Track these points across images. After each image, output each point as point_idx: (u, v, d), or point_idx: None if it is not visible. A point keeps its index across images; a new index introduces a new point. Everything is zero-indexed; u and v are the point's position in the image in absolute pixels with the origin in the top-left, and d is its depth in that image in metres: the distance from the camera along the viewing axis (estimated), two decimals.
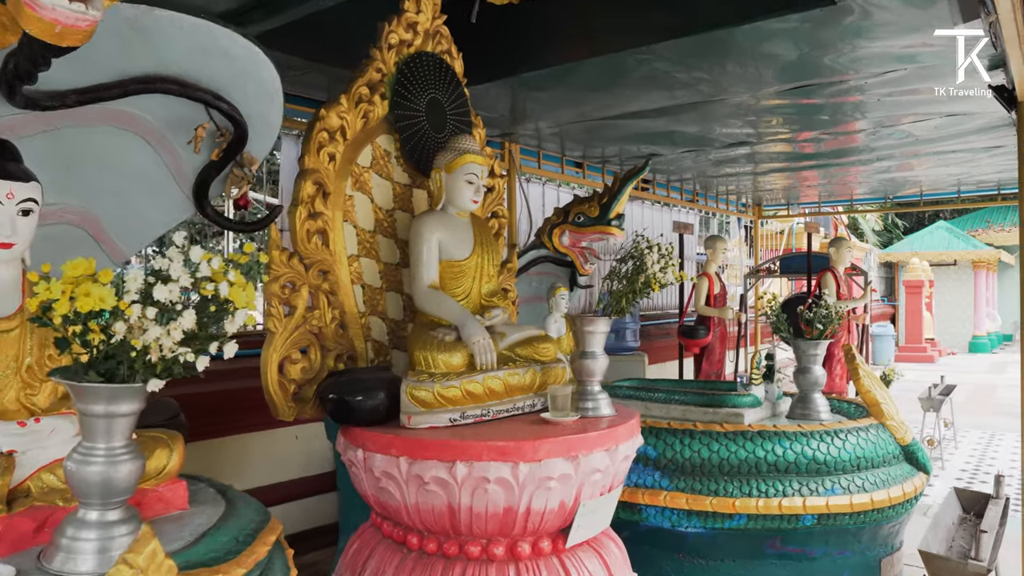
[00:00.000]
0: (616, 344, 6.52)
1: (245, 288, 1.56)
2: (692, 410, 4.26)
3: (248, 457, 5.34)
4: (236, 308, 1.55)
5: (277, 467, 5.52)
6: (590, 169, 7.57)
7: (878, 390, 3.96)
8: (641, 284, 3.07)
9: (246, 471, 5.31)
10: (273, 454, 5.48)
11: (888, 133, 6.10)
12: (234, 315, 1.53)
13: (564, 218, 5.15)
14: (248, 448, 5.33)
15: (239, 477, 5.26)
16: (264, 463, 5.42)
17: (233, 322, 1.54)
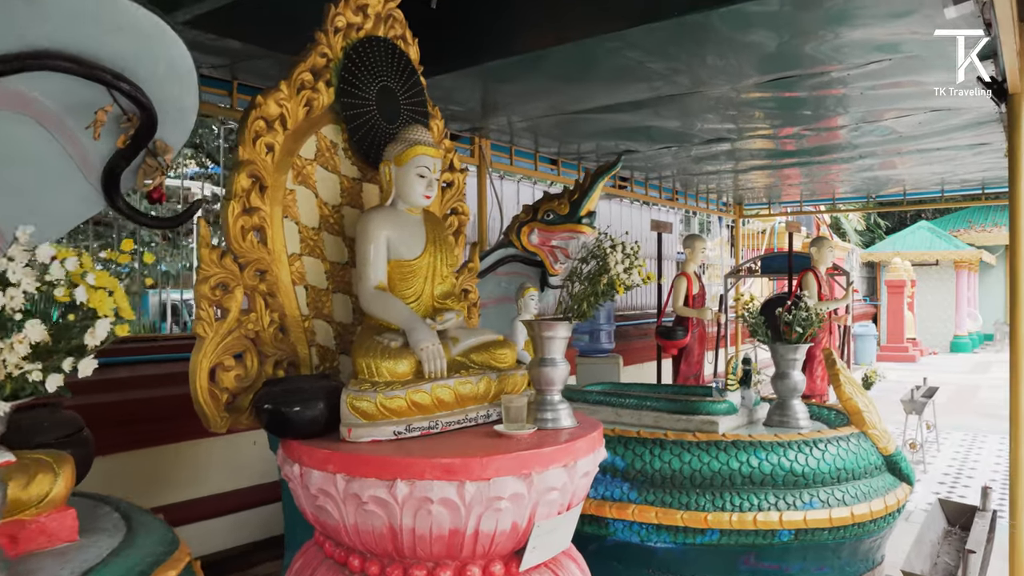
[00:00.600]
0: (590, 346, 6.31)
1: (115, 292, 1.31)
2: (664, 417, 4.04)
3: (206, 464, 5.09)
4: (100, 316, 1.30)
5: (236, 474, 5.27)
6: (565, 166, 7.34)
7: (860, 397, 3.76)
8: (604, 286, 2.84)
9: (204, 478, 5.07)
10: (232, 460, 5.23)
11: (871, 129, 5.91)
12: (95, 325, 1.28)
13: (533, 216, 4.91)
14: (206, 454, 5.08)
15: (197, 484, 5.02)
16: (222, 470, 5.17)
17: (93, 334, 1.29)
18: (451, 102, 5.03)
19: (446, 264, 3.17)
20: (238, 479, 5.18)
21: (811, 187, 9.56)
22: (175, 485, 4.88)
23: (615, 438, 3.68)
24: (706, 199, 10.24)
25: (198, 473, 4.95)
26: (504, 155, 6.39)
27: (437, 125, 3.71)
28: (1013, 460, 3.74)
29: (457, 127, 5.84)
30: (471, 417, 2.84)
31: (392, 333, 2.86)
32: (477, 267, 3.93)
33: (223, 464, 5.06)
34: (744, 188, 9.62)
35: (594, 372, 6.06)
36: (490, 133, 6.09)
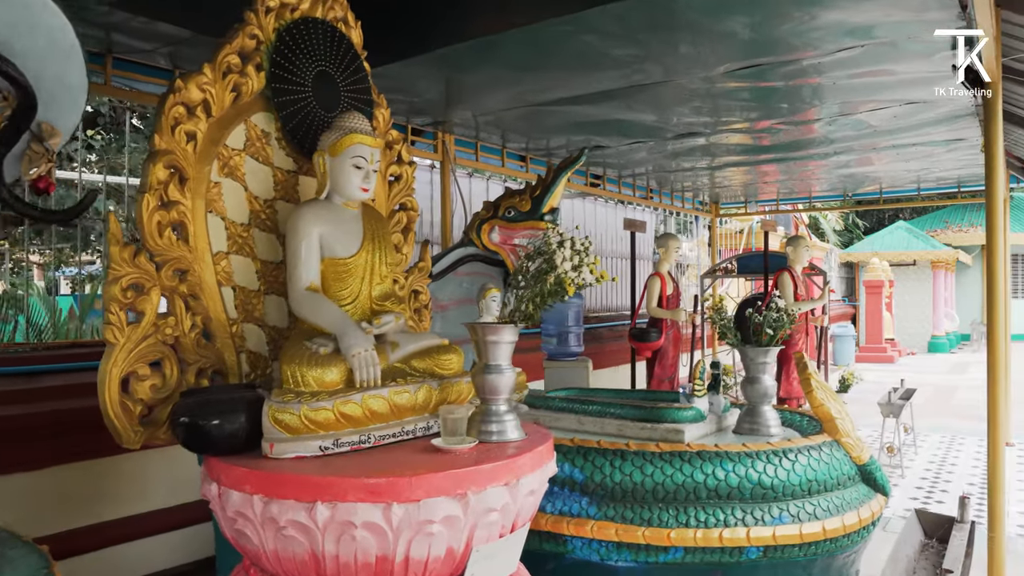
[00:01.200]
0: (558, 349, 6.08)
1: None
2: (628, 425, 3.82)
3: (149, 477, 4.81)
4: None
5: (182, 487, 4.99)
6: (534, 163, 7.12)
7: (832, 403, 3.55)
8: (551, 285, 2.61)
9: (147, 492, 4.79)
10: (178, 473, 4.95)
11: (846, 123, 5.73)
12: None
13: (494, 213, 4.69)
14: (149, 467, 4.80)
15: (140, 499, 4.73)
16: (166, 483, 4.89)
17: None
18: (406, 93, 4.80)
19: (385, 263, 2.94)
20: (185, 493, 4.91)
21: (788, 185, 9.40)
22: (116, 500, 4.60)
23: (574, 449, 3.45)
24: (682, 198, 10.06)
25: (140, 487, 4.67)
26: (469, 151, 6.16)
27: (383, 114, 3.47)
28: (991, 471, 3.56)
29: (419, 121, 5.61)
30: (409, 430, 2.60)
31: (323, 338, 2.62)
32: (428, 267, 3.70)
33: (167, 477, 4.78)
34: (721, 186, 9.45)
35: (563, 376, 5.83)
36: (454, 128, 5.86)
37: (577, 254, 2.59)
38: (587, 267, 2.65)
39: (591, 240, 2.69)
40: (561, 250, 2.55)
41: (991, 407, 3.58)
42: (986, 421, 3.65)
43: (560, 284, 2.61)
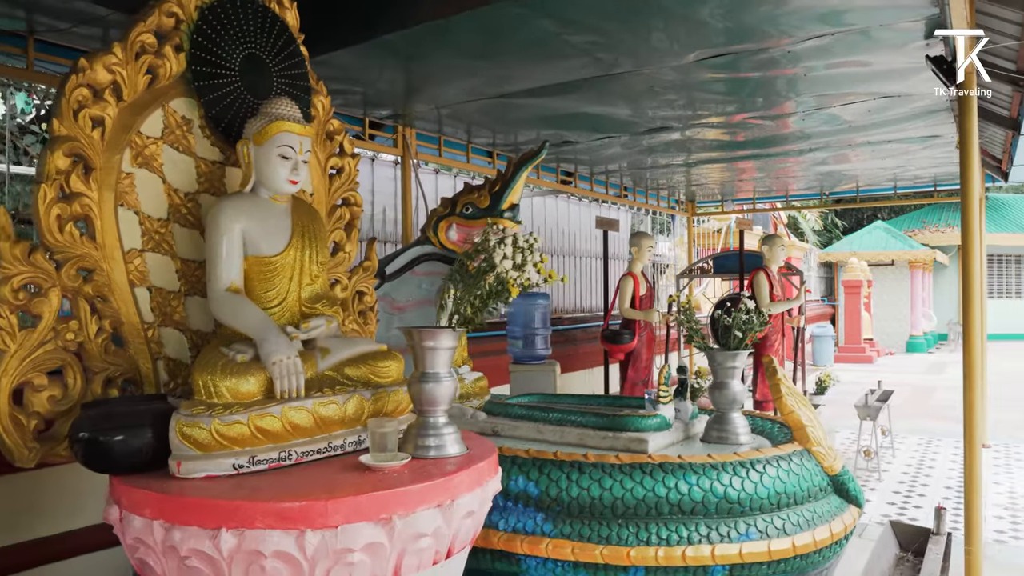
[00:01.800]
0: (524, 352, 5.85)
1: None
2: (589, 434, 3.60)
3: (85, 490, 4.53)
4: None
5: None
6: (501, 159, 6.89)
7: (803, 410, 3.35)
8: (492, 286, 2.38)
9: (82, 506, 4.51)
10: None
11: (821, 118, 5.55)
12: None
13: (451, 209, 4.45)
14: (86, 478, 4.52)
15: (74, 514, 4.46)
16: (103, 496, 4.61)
17: None
18: (359, 83, 4.56)
19: (316, 262, 2.70)
20: None
21: (765, 183, 9.23)
22: (48, 515, 4.32)
23: (529, 461, 3.23)
24: (657, 196, 9.86)
25: (75, 500, 4.39)
26: (432, 146, 5.92)
27: (322, 102, 3.23)
28: (968, 481, 3.38)
29: (377, 114, 5.36)
30: (337, 445, 2.37)
31: (243, 344, 2.38)
32: (374, 266, 3.46)
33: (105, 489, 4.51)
34: (696, 184, 9.25)
35: (529, 381, 5.61)
36: (415, 122, 5.62)
37: (520, 252, 2.37)
38: (532, 266, 2.43)
39: (537, 237, 2.47)
40: (501, 247, 2.32)
41: (967, 415, 3.39)
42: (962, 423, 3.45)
43: (503, 285, 2.38)
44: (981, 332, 3.47)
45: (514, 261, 2.33)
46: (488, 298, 2.39)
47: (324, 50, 3.89)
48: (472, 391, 4.54)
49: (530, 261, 2.38)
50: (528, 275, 2.42)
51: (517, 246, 2.37)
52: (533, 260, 2.39)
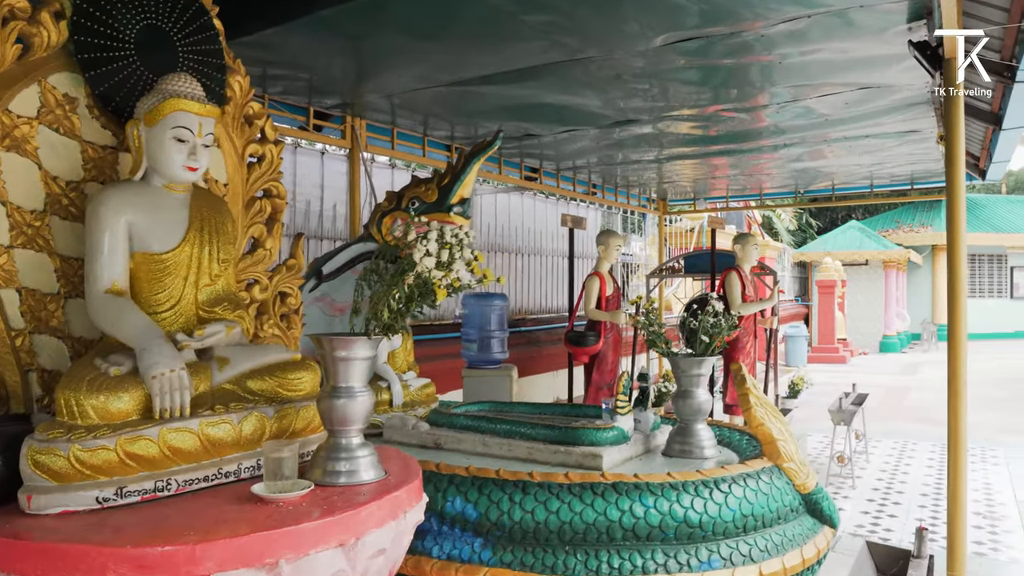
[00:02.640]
0: (479, 356, 5.52)
1: None
2: (539, 448, 3.29)
3: None
4: None
5: None
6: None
7: (774, 423, 3.06)
8: (413, 288, 2.06)
9: None
10: None
11: (796, 111, 5.28)
12: None
13: (396, 204, 4.13)
14: None
15: None
16: None
17: None
18: (299, 67, 4.22)
19: (217, 259, 2.36)
20: None
21: (739, 180, 8.98)
22: None
23: (468, 480, 2.91)
24: (627, 194, 9.57)
25: None
26: (385, 138, 5.58)
27: (240, 82, 2.89)
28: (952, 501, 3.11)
29: (323, 104, 5.02)
30: (229, 471, 2.03)
31: (121, 354, 2.04)
32: (300, 264, 3.12)
33: None
34: (668, 181, 8.98)
35: (483, 387, 5.29)
36: (366, 112, 5.28)
37: (447, 248, 2.04)
38: (463, 265, 2.11)
39: (469, 231, 2.15)
40: (423, 244, 1.99)
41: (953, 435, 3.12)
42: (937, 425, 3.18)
43: (427, 286, 2.06)
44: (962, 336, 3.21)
45: (439, 259, 2.01)
46: (410, 301, 2.07)
47: (258, 28, 3.55)
48: (418, 399, 4.22)
49: (459, 258, 2.06)
50: (457, 274, 2.10)
51: (444, 242, 2.04)
52: (463, 257, 2.07)
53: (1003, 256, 25.17)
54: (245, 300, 2.72)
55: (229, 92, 2.82)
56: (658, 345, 3.53)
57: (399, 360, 4.25)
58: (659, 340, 3.54)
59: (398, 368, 4.24)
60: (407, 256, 2.05)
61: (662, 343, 3.55)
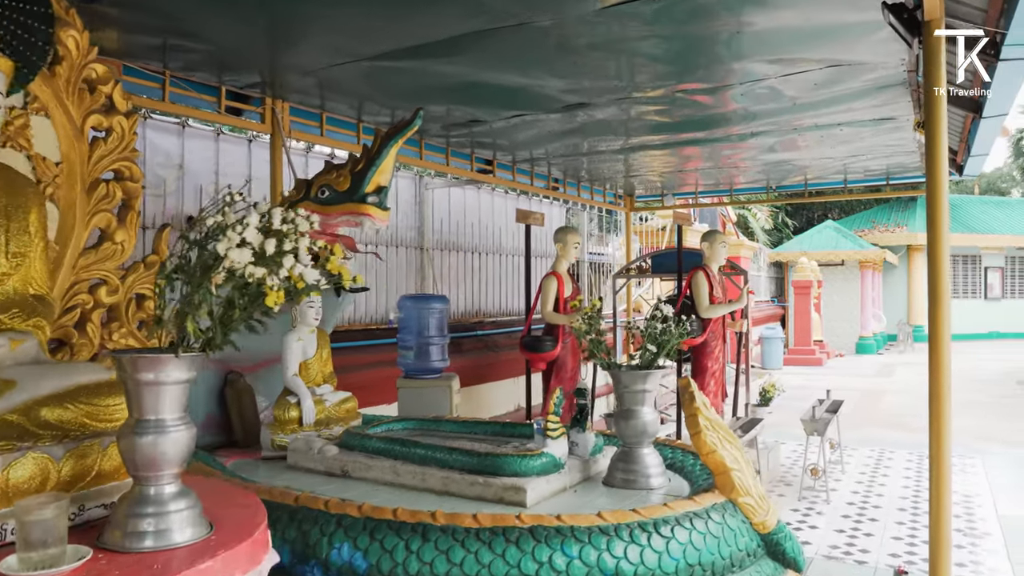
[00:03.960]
0: (417, 365, 5.00)
1: None
2: (455, 479, 2.79)
3: None
4: None
5: None
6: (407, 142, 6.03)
7: (728, 449, 2.58)
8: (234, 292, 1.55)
9: None
10: None
11: (763, 93, 4.81)
12: None
13: (305, 193, 3.61)
14: None
15: None
16: None
17: None
18: (195, 37, 3.68)
19: (6, 254, 1.84)
20: None
21: (709, 175, 8.50)
22: None
23: (359, 522, 2.40)
24: (591, 189, 9.08)
25: None
26: (312, 123, 5.05)
27: (76, 38, 2.36)
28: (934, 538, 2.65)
29: (234, 82, 4.47)
30: None
31: None
32: (161, 260, 2.60)
33: None
34: (635, 174, 8.48)
35: (420, 399, 4.79)
36: (290, 94, 4.75)
37: (276, 237, 1.53)
38: (305, 260, 1.60)
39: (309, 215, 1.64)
40: (235, 231, 1.48)
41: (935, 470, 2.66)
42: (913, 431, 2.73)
43: (253, 288, 1.54)
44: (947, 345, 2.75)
45: (257, 249, 1.50)
46: (232, 308, 1.55)
47: None
48: (335, 416, 3.72)
49: (289, 247, 1.54)
50: (299, 271, 1.59)
51: (272, 229, 1.53)
52: (294, 242, 1.55)
53: (977, 257, 25.07)
54: (56, 305, 2.19)
55: (61, 50, 2.30)
56: (597, 355, 3.04)
57: (312, 371, 3.74)
58: (599, 349, 3.06)
59: (311, 380, 3.72)
60: (208, 245, 1.53)
61: (603, 352, 3.06)
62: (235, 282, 1.50)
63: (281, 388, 3.66)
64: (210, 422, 3.80)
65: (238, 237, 1.47)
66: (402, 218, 7.19)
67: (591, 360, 3.08)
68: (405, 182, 7.29)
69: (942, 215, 2.76)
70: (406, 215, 7.25)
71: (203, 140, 5.28)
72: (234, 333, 1.68)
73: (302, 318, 3.69)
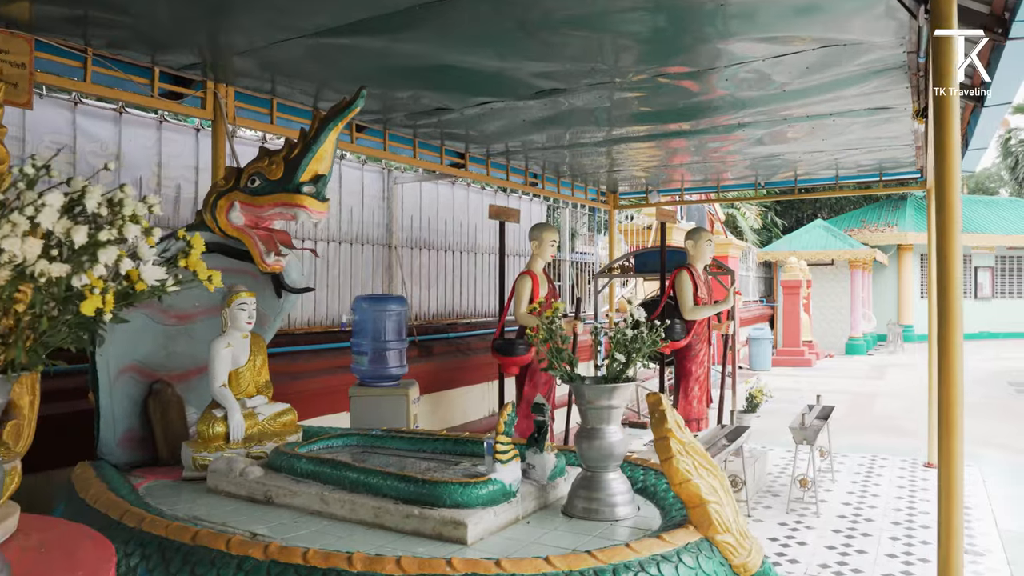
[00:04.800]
0: (373, 371, 4.59)
1: None
2: (389, 510, 2.40)
3: None
4: None
5: None
6: (370, 133, 5.65)
7: (704, 477, 2.21)
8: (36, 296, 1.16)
9: None
10: None
11: (750, 78, 4.44)
12: None
13: (235, 183, 3.22)
14: None
15: None
16: None
17: None
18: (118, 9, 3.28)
19: None
20: None
21: (695, 170, 8.12)
22: None
23: (262, 567, 2.01)
24: (571, 185, 8.69)
25: None
26: (263, 110, 4.64)
27: None
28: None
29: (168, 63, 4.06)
30: None
31: None
32: None
33: None
34: (619, 169, 8.09)
35: (373, 409, 4.39)
36: (235, 78, 4.34)
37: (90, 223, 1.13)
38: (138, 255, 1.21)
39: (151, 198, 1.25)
40: (21, 215, 1.08)
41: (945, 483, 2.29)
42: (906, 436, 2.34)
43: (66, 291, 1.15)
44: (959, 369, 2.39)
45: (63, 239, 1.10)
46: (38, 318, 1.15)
47: None
48: (270, 430, 3.33)
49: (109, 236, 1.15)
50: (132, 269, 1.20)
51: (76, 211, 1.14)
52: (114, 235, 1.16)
53: (967, 256, 24.85)
54: None
55: None
56: (557, 367, 2.66)
57: (244, 381, 3.34)
58: (559, 359, 2.67)
59: (243, 391, 3.33)
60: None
61: (564, 362, 2.68)
62: (31, 283, 1.10)
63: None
64: (130, 438, 3.40)
65: (26, 222, 1.07)
66: (368, 214, 6.78)
67: (549, 372, 2.70)
68: (372, 176, 6.88)
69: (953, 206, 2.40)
70: (373, 211, 6.84)
71: (143, 128, 4.87)
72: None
73: (232, 322, 3.30)
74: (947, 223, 2.36)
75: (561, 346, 2.71)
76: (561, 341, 2.73)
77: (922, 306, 22.80)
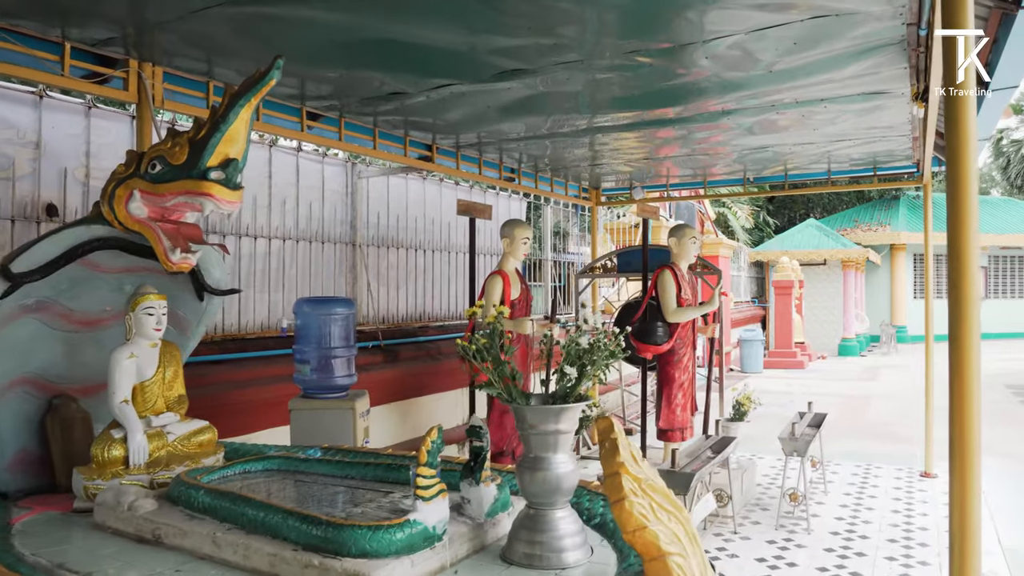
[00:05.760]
0: (317, 381, 4.16)
1: None
2: (286, 558, 1.98)
3: None
4: None
5: None
6: (325, 122, 5.22)
7: (663, 522, 1.79)
8: None
9: None
10: None
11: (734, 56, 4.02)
12: None
13: (135, 169, 2.79)
14: None
15: None
16: None
17: None
18: None
19: None
20: None
21: (681, 163, 7.70)
22: None
23: None
24: (550, 180, 8.27)
25: None
26: (199, 94, 4.21)
27: None
28: None
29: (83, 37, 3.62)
30: None
31: None
32: None
33: None
34: (601, 163, 7.66)
35: (316, 424, 3.96)
36: (163, 57, 3.91)
37: None
38: None
39: None
40: None
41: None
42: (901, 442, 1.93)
43: None
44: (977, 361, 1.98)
45: None
46: None
47: None
48: (183, 452, 2.91)
49: None
50: None
51: None
52: None
53: None
54: None
55: None
56: (495, 383, 2.24)
57: (151, 396, 2.92)
58: (499, 373, 2.25)
59: (149, 408, 2.90)
60: None
61: (503, 376, 2.26)
62: None
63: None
64: (23, 460, 2.97)
65: None
66: (330, 210, 6.35)
67: (483, 389, 2.28)
68: (334, 169, 6.44)
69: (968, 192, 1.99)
70: (335, 206, 6.40)
71: (69, 114, 4.43)
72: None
73: (138, 328, 2.87)
74: (961, 211, 1.96)
75: (504, 357, 2.30)
76: (504, 352, 2.31)
77: (915, 307, 22.49)
